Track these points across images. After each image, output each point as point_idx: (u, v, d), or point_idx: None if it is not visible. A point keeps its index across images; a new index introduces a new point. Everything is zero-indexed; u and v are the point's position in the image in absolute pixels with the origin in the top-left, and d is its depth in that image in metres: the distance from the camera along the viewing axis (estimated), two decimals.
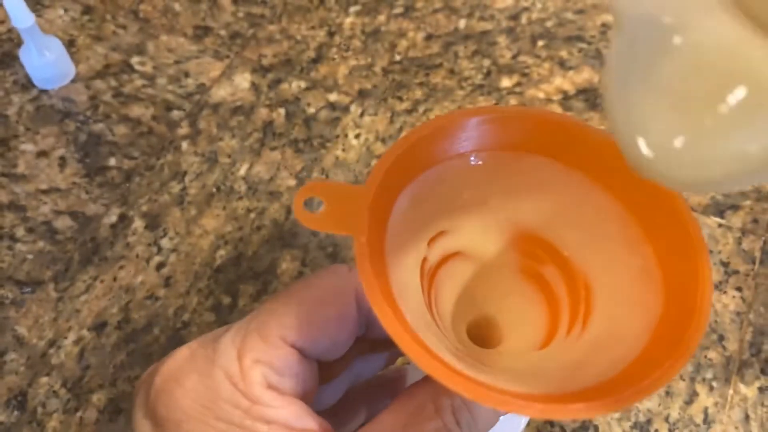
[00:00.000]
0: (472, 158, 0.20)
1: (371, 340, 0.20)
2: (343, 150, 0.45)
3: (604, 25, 0.52)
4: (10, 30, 0.51)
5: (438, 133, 0.19)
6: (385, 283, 0.17)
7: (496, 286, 0.20)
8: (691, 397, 0.36)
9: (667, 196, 0.18)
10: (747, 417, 0.35)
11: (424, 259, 0.19)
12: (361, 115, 0.47)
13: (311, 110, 0.47)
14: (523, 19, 0.52)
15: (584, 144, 0.19)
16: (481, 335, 0.20)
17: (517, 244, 0.20)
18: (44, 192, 0.44)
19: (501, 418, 0.19)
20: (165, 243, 0.41)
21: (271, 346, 0.17)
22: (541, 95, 0.48)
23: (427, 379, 0.18)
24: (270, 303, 0.18)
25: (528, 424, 0.35)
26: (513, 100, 0.48)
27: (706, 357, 0.37)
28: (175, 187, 0.44)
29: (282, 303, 0.18)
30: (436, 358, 0.15)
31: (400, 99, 0.48)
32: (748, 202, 0.43)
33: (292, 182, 0.44)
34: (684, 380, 0.36)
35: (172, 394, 0.17)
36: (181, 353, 0.18)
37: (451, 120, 0.19)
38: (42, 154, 0.45)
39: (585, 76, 0.49)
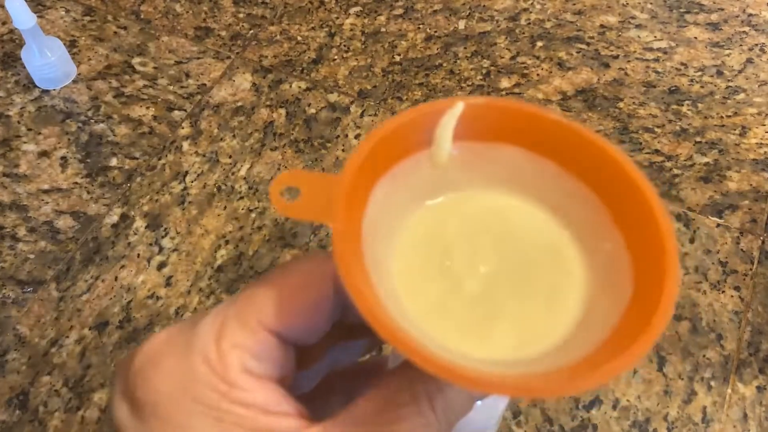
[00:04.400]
0: None
1: (349, 326, 0.20)
2: (344, 150, 0.46)
3: (602, 26, 0.52)
4: (12, 31, 0.51)
5: (413, 123, 0.19)
6: (361, 266, 0.17)
7: None
8: (690, 397, 0.36)
9: (636, 184, 0.18)
10: (745, 416, 0.35)
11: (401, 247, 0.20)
12: (362, 115, 0.47)
13: (312, 111, 0.48)
14: (523, 20, 0.52)
15: (555, 134, 0.20)
16: None
17: (492, 229, 0.21)
18: (46, 192, 0.44)
19: (477, 405, 0.19)
20: (166, 243, 0.42)
21: (248, 331, 0.18)
22: (540, 96, 0.48)
23: (403, 367, 0.18)
24: (248, 289, 0.19)
25: (502, 417, 0.35)
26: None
27: (704, 356, 0.37)
28: (176, 187, 0.44)
29: (260, 288, 0.18)
30: (406, 335, 0.16)
31: (400, 99, 0.48)
32: (746, 202, 0.43)
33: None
34: (682, 379, 0.36)
35: (150, 377, 0.17)
36: (160, 337, 0.18)
37: (425, 111, 0.19)
38: (43, 154, 0.46)
39: (584, 76, 0.49)
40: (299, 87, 0.49)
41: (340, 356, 0.22)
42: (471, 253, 0.20)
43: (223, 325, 0.18)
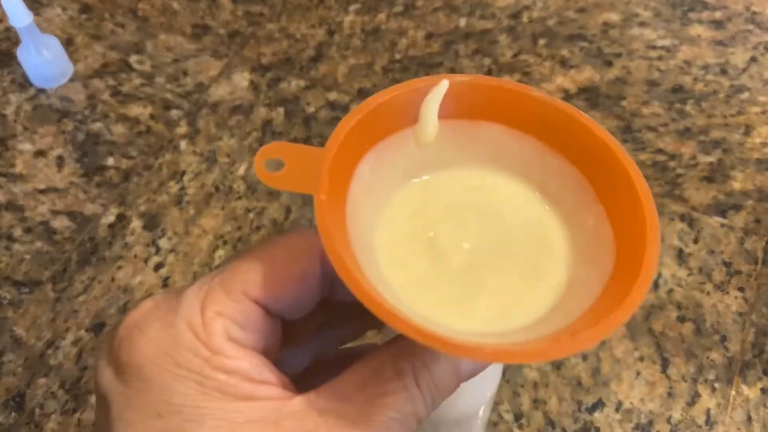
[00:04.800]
0: None
1: (337, 304, 0.20)
2: None
3: (605, 23, 0.51)
4: (8, 29, 0.51)
5: (398, 100, 0.19)
6: (344, 235, 0.17)
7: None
8: (693, 399, 0.36)
9: (618, 159, 0.19)
10: (749, 418, 0.35)
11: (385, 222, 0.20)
12: None
13: (311, 109, 0.47)
14: (524, 18, 0.52)
15: (540, 112, 0.20)
16: None
17: (476, 206, 0.21)
18: (42, 192, 0.43)
19: (463, 387, 0.19)
20: (163, 243, 0.41)
21: (233, 299, 0.18)
22: None
23: (389, 344, 0.18)
24: (235, 260, 0.19)
25: (493, 402, 0.35)
26: None
27: (708, 358, 0.37)
28: (174, 187, 0.43)
29: (246, 260, 0.18)
30: (384, 299, 0.16)
31: None
32: (750, 202, 0.42)
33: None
34: (686, 381, 0.36)
35: (134, 341, 0.17)
36: (146, 304, 0.18)
37: (411, 88, 0.20)
38: (40, 153, 0.45)
39: (586, 74, 0.49)
40: (298, 85, 0.48)
41: (330, 341, 0.23)
42: (455, 228, 0.20)
43: (208, 293, 0.18)
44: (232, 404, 0.17)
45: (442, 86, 0.20)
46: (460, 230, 0.20)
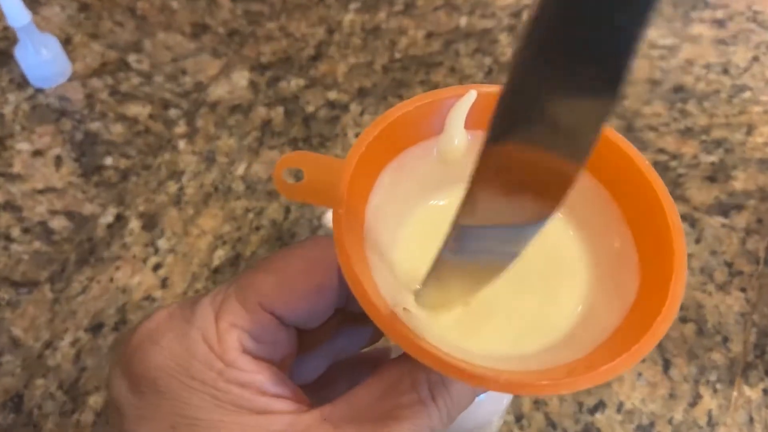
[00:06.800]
0: None
1: (352, 313, 0.20)
2: (343, 149, 0.45)
3: None
4: (6, 28, 0.51)
5: (422, 110, 0.19)
6: (360, 253, 0.17)
7: None
8: (695, 400, 0.35)
9: (649, 182, 0.18)
10: (751, 419, 0.35)
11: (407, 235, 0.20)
12: (361, 113, 0.47)
13: (310, 109, 0.47)
14: (525, 17, 0.52)
15: None
16: None
17: None
18: (40, 192, 0.43)
19: (479, 400, 0.19)
20: (162, 243, 0.41)
21: (248, 311, 0.17)
22: None
23: (405, 355, 0.18)
24: (251, 270, 0.19)
25: (505, 416, 0.34)
26: None
27: (710, 359, 0.37)
28: (173, 187, 0.43)
29: (262, 270, 0.18)
30: (401, 324, 0.15)
31: (401, 97, 0.48)
32: (752, 202, 0.42)
33: (291, 182, 0.43)
34: (688, 382, 0.36)
35: (148, 352, 0.17)
36: (160, 314, 0.18)
37: (437, 98, 0.19)
38: (38, 153, 0.45)
39: None
40: (298, 84, 0.48)
41: (345, 346, 0.22)
42: None
43: (223, 303, 0.18)
44: (246, 418, 0.16)
45: (469, 96, 0.19)
46: None
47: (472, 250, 0.16)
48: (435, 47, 0.50)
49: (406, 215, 0.20)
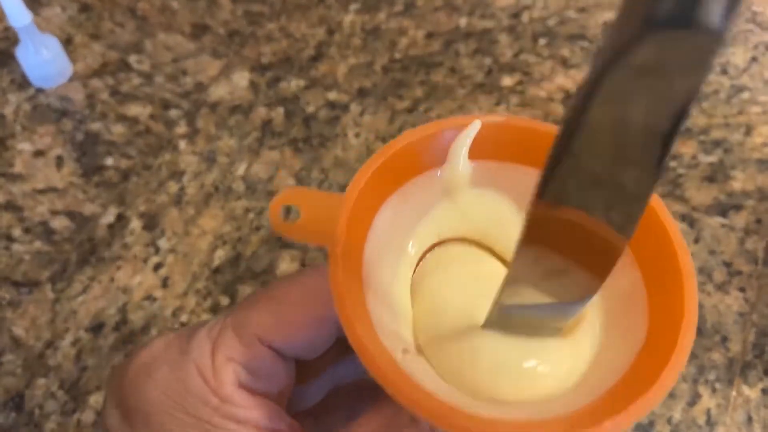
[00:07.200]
0: None
1: None
2: (343, 149, 0.45)
3: (606, 23, 0.51)
4: (7, 28, 0.51)
5: (424, 141, 0.18)
6: (358, 293, 0.16)
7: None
8: (694, 399, 0.35)
9: (660, 222, 0.17)
10: (750, 419, 0.35)
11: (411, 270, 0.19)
12: (361, 114, 0.47)
13: (310, 109, 0.47)
14: (525, 17, 0.52)
15: None
16: None
17: (502, 268, 0.19)
18: (41, 192, 0.43)
19: None
20: (163, 243, 0.41)
21: (245, 344, 0.17)
22: (543, 94, 0.48)
23: None
24: (250, 299, 0.18)
25: None
26: (514, 99, 0.47)
27: (708, 358, 0.37)
28: (173, 187, 0.43)
29: (261, 300, 0.18)
30: (398, 376, 0.15)
31: (401, 98, 0.48)
32: (751, 202, 0.42)
33: (291, 182, 0.44)
34: (686, 382, 0.36)
35: (143, 386, 0.17)
36: (157, 343, 0.18)
37: (438, 128, 0.19)
38: (39, 153, 0.45)
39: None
40: (298, 85, 0.48)
41: (344, 372, 0.22)
42: (479, 293, 0.18)
43: (219, 336, 0.17)
44: None
45: (473, 127, 0.18)
46: (485, 294, 0.18)
47: (515, 325, 0.16)
48: (435, 47, 0.50)
49: (406, 248, 0.19)
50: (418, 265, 0.19)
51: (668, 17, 0.09)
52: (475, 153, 0.19)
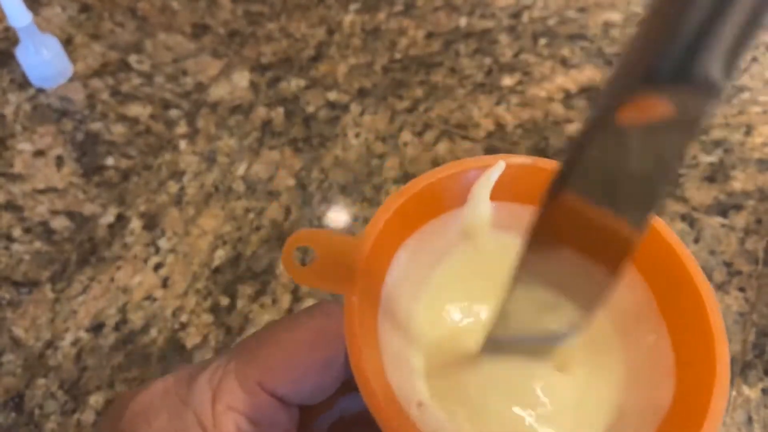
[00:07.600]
0: None
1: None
2: (343, 149, 0.45)
3: (606, 23, 0.51)
4: (7, 29, 0.51)
5: (445, 181, 0.18)
6: (373, 343, 0.16)
7: None
8: None
9: (691, 277, 0.16)
10: (750, 419, 0.35)
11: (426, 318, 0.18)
12: (361, 113, 0.47)
13: (310, 109, 0.47)
14: (525, 18, 0.52)
15: None
16: None
17: None
18: (41, 192, 0.43)
19: None
20: (163, 243, 0.41)
21: (247, 392, 0.16)
22: (543, 94, 0.48)
23: None
24: (253, 340, 0.17)
25: None
26: (514, 99, 0.47)
27: None
28: (173, 187, 0.43)
29: (264, 344, 0.17)
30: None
31: (401, 97, 0.48)
32: (751, 202, 0.42)
33: (292, 182, 0.44)
34: None
35: None
36: (156, 387, 0.17)
37: (461, 167, 0.18)
38: (39, 153, 0.45)
39: (587, 74, 0.48)
40: (298, 85, 0.48)
41: (349, 405, 0.21)
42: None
43: (221, 381, 0.17)
44: None
45: (497, 167, 0.18)
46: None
47: (507, 356, 0.16)
48: (435, 47, 0.50)
49: (423, 291, 0.18)
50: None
51: (669, 72, 0.09)
52: (497, 194, 0.18)
